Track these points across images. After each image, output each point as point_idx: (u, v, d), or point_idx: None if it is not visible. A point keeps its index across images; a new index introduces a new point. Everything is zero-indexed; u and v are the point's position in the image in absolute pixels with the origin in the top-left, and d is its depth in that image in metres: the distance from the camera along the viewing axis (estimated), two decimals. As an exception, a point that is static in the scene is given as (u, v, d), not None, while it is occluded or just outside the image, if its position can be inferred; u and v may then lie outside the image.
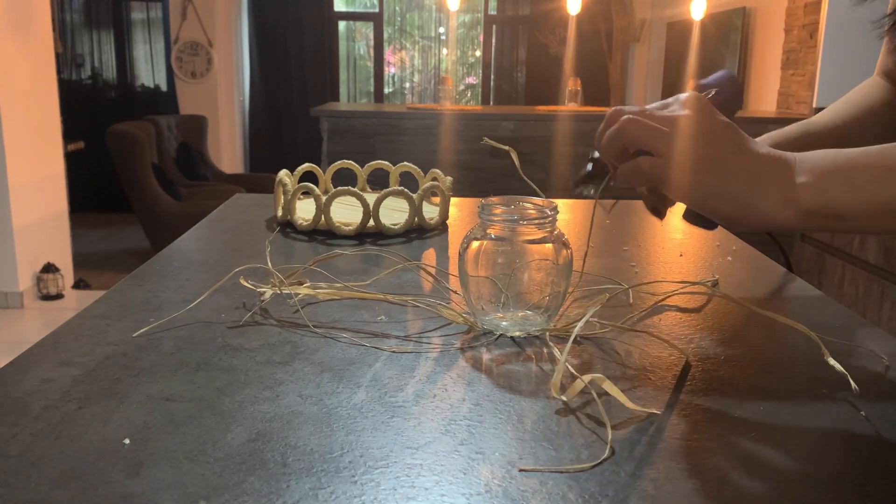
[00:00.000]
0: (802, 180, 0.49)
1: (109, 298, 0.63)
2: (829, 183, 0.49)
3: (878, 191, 0.48)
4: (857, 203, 0.48)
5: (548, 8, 5.49)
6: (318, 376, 0.48)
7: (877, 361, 0.54)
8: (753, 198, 0.49)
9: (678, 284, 0.71)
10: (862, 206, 0.48)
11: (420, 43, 6.33)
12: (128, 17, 5.85)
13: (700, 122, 0.50)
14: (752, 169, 0.50)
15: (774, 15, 3.67)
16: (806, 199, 0.49)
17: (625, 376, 0.50)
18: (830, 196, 0.48)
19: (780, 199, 0.49)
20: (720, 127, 0.51)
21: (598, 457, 0.39)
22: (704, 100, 0.52)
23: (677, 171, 0.50)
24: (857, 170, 0.49)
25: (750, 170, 0.50)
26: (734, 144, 0.50)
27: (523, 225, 0.55)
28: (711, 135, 0.50)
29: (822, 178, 0.49)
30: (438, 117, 2.91)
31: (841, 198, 0.48)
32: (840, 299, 1.86)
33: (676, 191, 0.51)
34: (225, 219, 0.98)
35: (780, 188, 0.49)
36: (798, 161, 0.50)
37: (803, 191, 0.49)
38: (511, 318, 0.57)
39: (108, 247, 4.95)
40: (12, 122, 3.43)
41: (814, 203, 0.49)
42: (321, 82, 6.01)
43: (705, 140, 0.50)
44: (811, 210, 0.49)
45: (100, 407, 0.43)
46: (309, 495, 0.35)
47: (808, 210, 0.49)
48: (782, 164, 0.50)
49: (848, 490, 0.37)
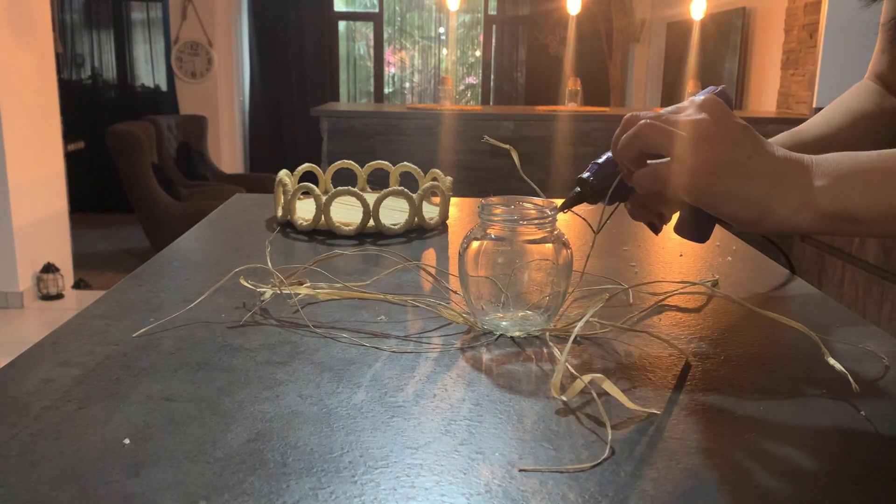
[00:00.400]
0: (820, 184, 0.49)
1: (109, 298, 0.63)
2: (846, 187, 0.48)
3: (892, 194, 0.48)
4: (875, 207, 0.48)
5: (548, 8, 5.49)
6: (318, 376, 0.48)
7: (877, 361, 0.54)
8: (771, 202, 0.49)
9: (678, 284, 0.71)
10: (879, 210, 0.48)
11: (420, 43, 6.33)
12: (128, 17, 5.85)
13: (717, 125, 0.50)
14: (770, 172, 0.49)
15: (774, 15, 3.67)
16: (823, 202, 0.49)
17: (625, 376, 0.50)
18: (848, 200, 0.48)
19: (798, 202, 0.49)
20: (738, 130, 0.50)
21: (598, 457, 0.39)
22: (721, 102, 0.51)
23: (695, 175, 0.49)
24: (874, 173, 0.49)
25: (768, 173, 0.49)
26: (752, 147, 0.50)
27: (523, 225, 0.55)
28: (729, 138, 0.49)
29: (839, 181, 0.49)
30: (438, 117, 2.91)
31: (858, 202, 0.48)
32: (840, 299, 1.86)
33: (693, 195, 0.50)
34: (225, 219, 0.98)
35: (797, 192, 0.49)
36: (815, 164, 0.50)
37: (821, 195, 0.49)
38: (511, 318, 0.57)
39: (108, 247, 4.96)
40: (12, 122, 3.43)
41: (831, 207, 0.49)
42: (321, 82, 6.01)
43: (723, 144, 0.49)
44: (828, 214, 0.49)
45: (100, 407, 0.43)
46: (309, 495, 0.35)
47: (824, 214, 0.49)
48: (800, 168, 0.50)
49: (848, 489, 0.37)
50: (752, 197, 0.49)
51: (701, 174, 0.49)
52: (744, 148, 0.50)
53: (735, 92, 3.97)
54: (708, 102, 0.51)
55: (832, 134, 0.77)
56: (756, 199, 0.49)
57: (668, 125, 0.50)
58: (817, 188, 0.49)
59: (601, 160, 0.58)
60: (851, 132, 0.77)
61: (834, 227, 0.50)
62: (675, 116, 0.51)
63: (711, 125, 0.49)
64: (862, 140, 0.76)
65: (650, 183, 0.52)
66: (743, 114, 3.23)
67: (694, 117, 0.50)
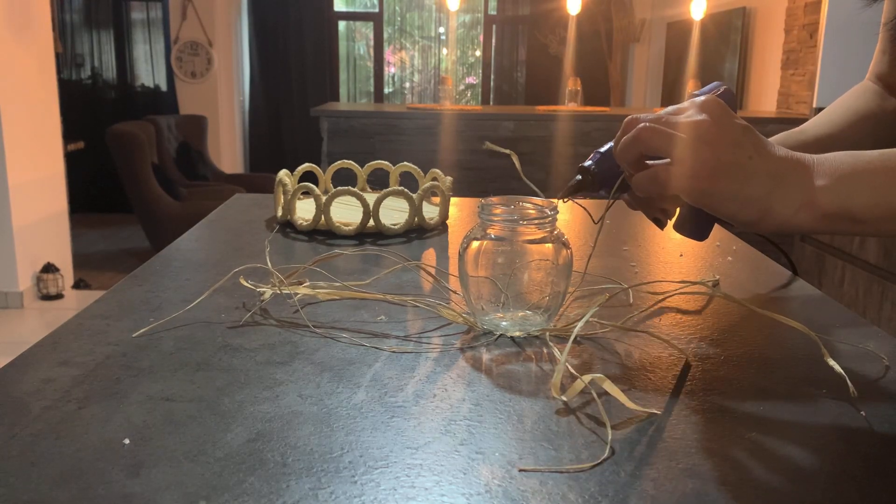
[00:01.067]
0: (821, 183, 0.49)
1: (109, 298, 0.63)
2: (848, 186, 0.48)
3: (893, 193, 0.48)
4: (876, 207, 0.48)
5: (548, 8, 5.49)
6: (318, 376, 0.48)
7: (877, 361, 0.54)
8: (772, 202, 0.49)
9: (678, 284, 0.71)
10: (880, 210, 0.48)
11: (420, 43, 6.33)
12: (128, 17, 5.85)
13: (717, 126, 0.49)
14: (771, 172, 0.49)
15: (774, 15, 3.67)
16: (824, 202, 0.49)
17: (625, 376, 0.50)
18: (849, 200, 0.48)
19: (799, 202, 0.49)
20: (738, 131, 0.50)
21: (598, 457, 0.39)
22: (721, 103, 0.51)
23: (695, 177, 0.49)
24: (876, 173, 0.49)
25: (768, 174, 0.49)
26: (752, 148, 0.50)
27: (523, 225, 0.55)
28: (729, 139, 0.49)
29: (841, 181, 0.49)
30: (438, 117, 2.91)
31: (860, 202, 0.48)
32: (840, 299, 1.86)
33: (694, 197, 0.50)
34: (225, 219, 0.98)
35: (798, 192, 0.49)
36: (816, 164, 0.50)
37: (822, 194, 0.49)
38: (511, 318, 0.57)
39: (108, 247, 4.95)
40: (12, 122, 3.43)
41: (832, 206, 0.49)
42: (321, 82, 6.01)
43: (723, 145, 0.49)
44: (829, 213, 0.49)
45: (100, 407, 0.43)
46: (309, 495, 0.35)
47: (826, 213, 0.49)
48: (801, 167, 0.50)
49: (848, 489, 0.37)
50: (752, 197, 0.49)
51: (701, 176, 0.49)
52: (744, 149, 0.49)
53: (735, 92, 3.96)
54: (708, 103, 0.51)
55: (833, 134, 0.77)
56: (757, 199, 0.49)
57: (668, 128, 0.50)
58: (818, 187, 0.49)
59: (603, 149, 0.58)
60: (852, 132, 0.77)
61: (835, 227, 0.50)
62: (674, 118, 0.51)
63: (711, 126, 0.49)
64: (862, 140, 0.76)
65: (650, 185, 0.51)
66: (743, 114, 3.23)
67: (693, 119, 0.50)
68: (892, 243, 1.66)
